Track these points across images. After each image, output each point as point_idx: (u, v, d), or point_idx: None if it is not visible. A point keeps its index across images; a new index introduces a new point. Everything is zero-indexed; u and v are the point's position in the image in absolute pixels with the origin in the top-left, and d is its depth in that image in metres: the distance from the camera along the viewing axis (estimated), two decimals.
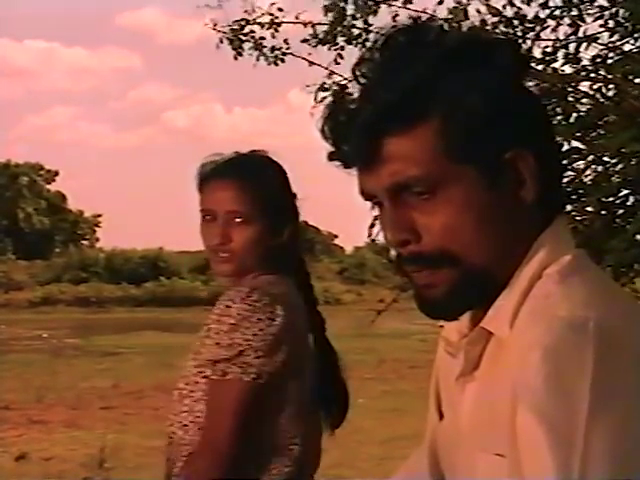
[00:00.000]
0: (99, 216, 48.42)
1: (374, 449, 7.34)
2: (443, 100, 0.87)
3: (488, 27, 3.84)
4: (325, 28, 4.50)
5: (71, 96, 79.78)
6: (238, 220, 1.72)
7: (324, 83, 4.52)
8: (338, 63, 4.48)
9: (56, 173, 47.44)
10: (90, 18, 78.14)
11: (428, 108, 0.87)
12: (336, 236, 46.52)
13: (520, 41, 3.87)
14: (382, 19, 4.36)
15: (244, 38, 4.66)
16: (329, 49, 4.50)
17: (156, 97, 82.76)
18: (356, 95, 0.90)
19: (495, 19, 3.90)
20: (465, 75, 0.87)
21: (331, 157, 0.92)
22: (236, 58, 4.71)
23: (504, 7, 3.99)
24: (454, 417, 0.97)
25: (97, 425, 8.72)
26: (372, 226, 3.37)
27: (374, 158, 0.88)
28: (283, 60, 4.72)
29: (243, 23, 4.67)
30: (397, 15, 4.27)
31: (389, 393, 10.54)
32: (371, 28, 4.39)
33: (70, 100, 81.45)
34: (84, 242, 47.31)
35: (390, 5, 4.31)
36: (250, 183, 1.75)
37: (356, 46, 4.43)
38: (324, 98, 4.50)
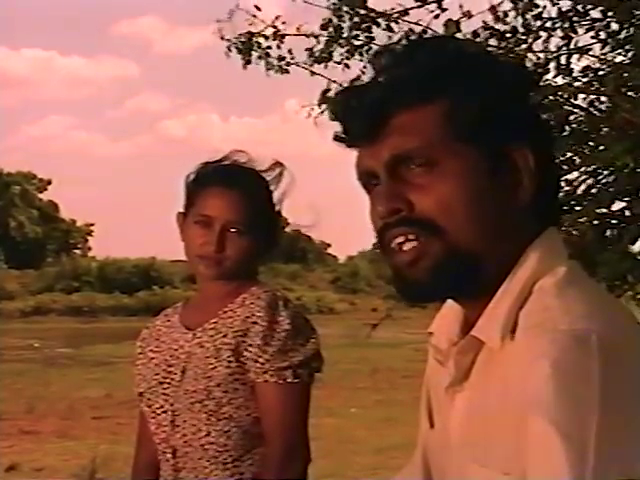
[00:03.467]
0: (91, 225, 48.37)
1: (367, 459, 7.32)
2: (456, 84, 0.90)
3: (480, 39, 3.86)
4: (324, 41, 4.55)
5: (67, 105, 79.81)
6: (233, 230, 1.75)
7: (326, 91, 4.53)
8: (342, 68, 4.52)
9: (48, 182, 47.36)
10: (88, 27, 78.33)
11: (439, 89, 0.90)
12: (329, 245, 46.58)
13: (512, 52, 3.90)
14: (382, 32, 4.37)
15: (250, 46, 4.74)
16: (325, 67, 4.54)
17: (152, 106, 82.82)
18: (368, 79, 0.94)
19: (487, 32, 3.92)
20: (481, 67, 0.92)
21: (337, 137, 0.95)
22: (245, 67, 4.79)
23: (496, 20, 4.02)
24: (444, 426, 0.97)
25: (89, 435, 8.68)
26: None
27: (379, 133, 0.90)
28: (288, 71, 4.79)
29: (248, 36, 4.74)
30: (392, 30, 4.29)
31: (382, 403, 10.52)
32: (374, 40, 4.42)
33: (66, 109, 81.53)
34: (76, 251, 47.20)
35: (388, 20, 4.32)
36: (253, 196, 1.79)
37: (359, 55, 4.46)
38: (322, 112, 4.52)
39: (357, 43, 4.41)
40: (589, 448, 0.74)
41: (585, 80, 3.90)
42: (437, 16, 4.08)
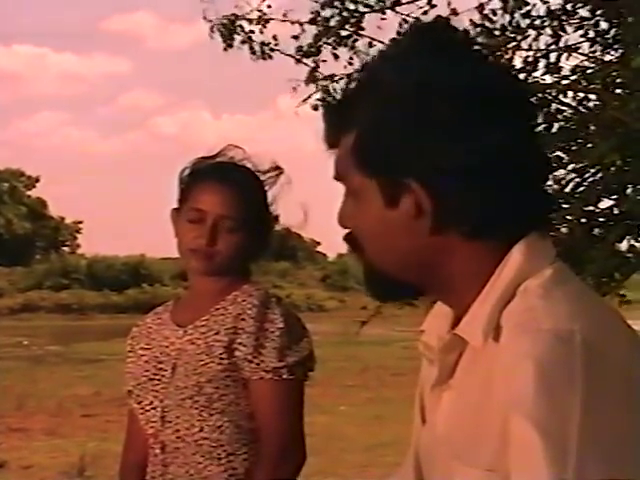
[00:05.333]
0: (80, 222, 48.14)
1: (357, 456, 7.33)
2: (363, 115, 0.91)
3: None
4: (313, 30, 4.53)
5: (59, 101, 79.14)
6: (225, 225, 1.75)
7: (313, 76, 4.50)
8: (324, 61, 4.53)
9: (37, 179, 47.13)
10: (80, 23, 77.90)
11: (353, 119, 0.92)
12: (319, 243, 46.51)
13: (501, 50, 3.91)
14: (372, 23, 4.38)
15: (232, 28, 4.69)
16: (313, 62, 4.53)
17: (144, 103, 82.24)
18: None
19: (476, 30, 3.93)
20: (379, 98, 0.90)
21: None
22: (226, 49, 4.73)
23: (486, 17, 4.03)
24: (432, 423, 0.98)
25: (78, 433, 8.66)
26: None
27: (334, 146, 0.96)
28: (271, 56, 4.74)
29: (232, 18, 4.70)
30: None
31: (372, 400, 10.54)
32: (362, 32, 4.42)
33: (58, 105, 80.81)
34: (65, 248, 46.94)
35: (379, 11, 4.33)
36: (247, 193, 1.79)
37: (345, 46, 4.46)
38: (309, 96, 4.51)
39: (344, 34, 4.41)
40: (570, 448, 0.74)
41: (574, 78, 3.92)
42: (426, 12, 4.10)
